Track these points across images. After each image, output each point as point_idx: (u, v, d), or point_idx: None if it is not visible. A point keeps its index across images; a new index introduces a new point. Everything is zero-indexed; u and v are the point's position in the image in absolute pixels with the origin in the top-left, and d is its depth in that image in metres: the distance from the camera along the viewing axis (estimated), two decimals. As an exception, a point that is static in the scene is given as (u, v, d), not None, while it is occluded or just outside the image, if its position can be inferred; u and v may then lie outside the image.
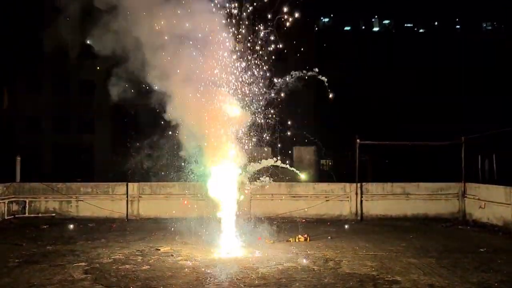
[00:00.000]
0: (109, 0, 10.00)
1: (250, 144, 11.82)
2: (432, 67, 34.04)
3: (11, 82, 31.19)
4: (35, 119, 30.95)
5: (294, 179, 14.96)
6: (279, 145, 16.54)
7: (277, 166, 12.78)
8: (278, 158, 12.45)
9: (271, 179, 15.78)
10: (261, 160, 13.42)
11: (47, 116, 31.26)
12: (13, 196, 15.45)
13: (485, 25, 39.73)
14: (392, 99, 33.07)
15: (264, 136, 12.40)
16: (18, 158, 16.09)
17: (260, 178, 13.45)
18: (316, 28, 35.76)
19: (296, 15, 11.75)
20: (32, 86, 31.47)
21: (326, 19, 38.25)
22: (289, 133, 14.25)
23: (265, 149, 17.26)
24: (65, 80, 31.83)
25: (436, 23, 38.86)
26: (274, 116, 13.21)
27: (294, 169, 12.70)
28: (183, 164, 11.39)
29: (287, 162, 16.80)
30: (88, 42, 11.08)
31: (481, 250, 10.54)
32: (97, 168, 26.95)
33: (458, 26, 39.26)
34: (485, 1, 35.38)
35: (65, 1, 11.94)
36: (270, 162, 11.88)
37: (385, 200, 15.93)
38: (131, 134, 18.38)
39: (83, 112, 31.33)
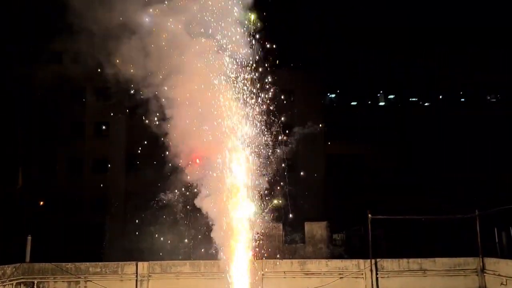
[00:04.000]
0: None
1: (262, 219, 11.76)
2: (443, 138, 34.32)
3: (26, 162, 31.85)
4: (48, 199, 31.25)
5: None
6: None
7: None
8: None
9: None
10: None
11: (59, 196, 31.55)
12: (21, 277, 15.17)
13: (489, 97, 40.49)
14: (402, 171, 33.07)
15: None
16: (29, 238, 15.97)
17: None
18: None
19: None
20: (46, 167, 32.10)
21: (333, 95, 39.37)
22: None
23: (275, 226, 17.15)
24: (79, 160, 32.48)
25: (440, 96, 39.71)
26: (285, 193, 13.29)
27: None
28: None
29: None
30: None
31: (507, 331, 9.97)
32: (108, 247, 26.67)
33: (463, 99, 40.01)
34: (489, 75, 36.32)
35: None
36: None
37: (402, 277, 15.34)
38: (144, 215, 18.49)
39: (96, 192, 31.61)
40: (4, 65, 28.32)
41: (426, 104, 39.56)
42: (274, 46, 11.79)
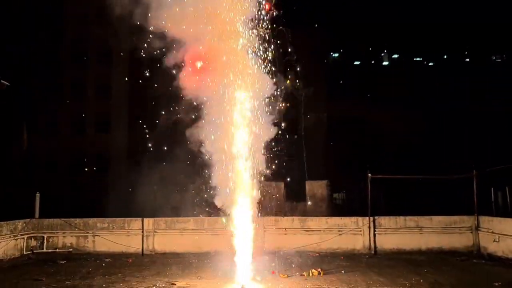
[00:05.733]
0: None
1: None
2: (444, 100, 34.42)
3: (31, 123, 32.32)
4: (53, 158, 31.86)
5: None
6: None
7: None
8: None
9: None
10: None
11: (64, 155, 32.19)
12: (32, 232, 15.85)
13: (494, 57, 40.18)
14: (406, 131, 33.35)
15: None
16: (38, 195, 16.54)
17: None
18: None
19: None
20: (50, 127, 32.62)
21: (336, 54, 38.92)
22: None
23: (277, 184, 17.63)
24: (82, 119, 32.93)
25: (445, 56, 39.35)
26: (286, 151, 13.60)
27: None
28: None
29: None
30: None
31: (495, 284, 10.57)
32: (113, 205, 27.42)
33: (467, 59, 39.70)
34: (494, 34, 35.94)
35: None
36: None
37: (399, 233, 15.94)
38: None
39: (99, 150, 32.20)
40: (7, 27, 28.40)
41: (431, 64, 39.28)
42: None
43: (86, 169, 32.02)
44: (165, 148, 16.53)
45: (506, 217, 15.41)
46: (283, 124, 12.92)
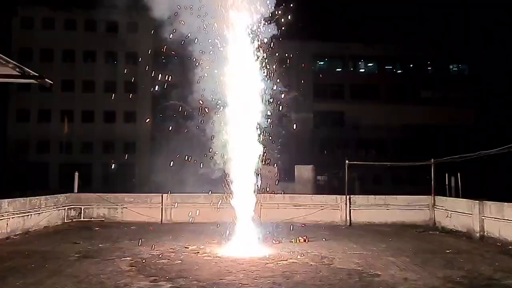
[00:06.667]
0: None
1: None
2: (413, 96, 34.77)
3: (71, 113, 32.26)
4: (88, 143, 31.90)
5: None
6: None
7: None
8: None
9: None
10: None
11: (97, 140, 32.20)
12: (71, 204, 15.88)
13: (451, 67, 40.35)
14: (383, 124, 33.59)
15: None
16: (76, 174, 16.57)
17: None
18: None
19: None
20: (87, 117, 32.63)
21: (322, 62, 39.17)
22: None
23: (271, 168, 17.64)
24: (112, 110, 32.89)
25: (411, 65, 39.51)
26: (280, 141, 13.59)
27: None
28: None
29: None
30: None
31: (447, 251, 10.66)
32: (138, 182, 27.46)
33: (429, 68, 39.85)
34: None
35: None
36: None
37: (369, 209, 16.07)
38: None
39: (127, 135, 32.20)
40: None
41: (399, 71, 39.59)
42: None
43: (115, 152, 32.06)
44: (179, 134, 16.38)
45: (457, 198, 15.54)
46: (276, 121, 12.85)
